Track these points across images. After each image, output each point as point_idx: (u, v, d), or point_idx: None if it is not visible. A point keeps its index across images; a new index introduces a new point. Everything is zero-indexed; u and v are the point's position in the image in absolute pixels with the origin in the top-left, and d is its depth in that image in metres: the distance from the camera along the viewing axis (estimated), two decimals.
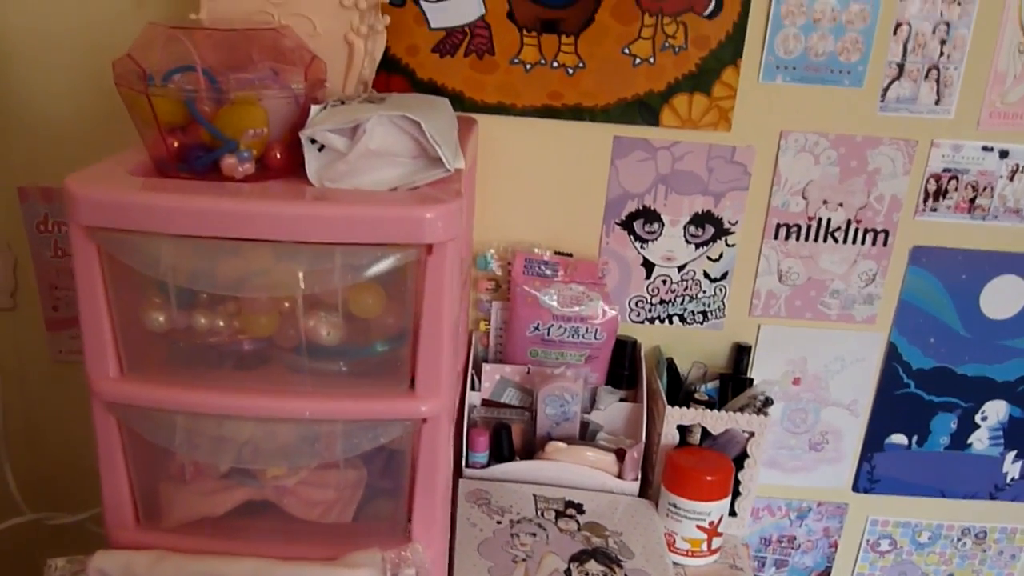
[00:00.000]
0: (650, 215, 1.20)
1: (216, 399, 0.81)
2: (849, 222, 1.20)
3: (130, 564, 0.81)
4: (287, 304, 0.82)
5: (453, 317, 0.80)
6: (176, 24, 0.82)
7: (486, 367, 1.20)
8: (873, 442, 1.32)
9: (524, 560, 1.02)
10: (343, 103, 0.83)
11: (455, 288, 0.79)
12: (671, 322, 1.26)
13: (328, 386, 0.82)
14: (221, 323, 0.81)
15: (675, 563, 1.12)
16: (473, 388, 1.21)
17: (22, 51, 1.13)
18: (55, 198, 1.20)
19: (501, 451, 1.18)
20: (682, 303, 1.25)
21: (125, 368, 0.82)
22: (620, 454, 1.18)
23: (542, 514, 1.11)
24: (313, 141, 0.81)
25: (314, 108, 0.82)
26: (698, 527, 1.11)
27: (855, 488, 1.36)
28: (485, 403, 1.22)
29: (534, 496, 1.14)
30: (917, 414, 1.31)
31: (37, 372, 1.30)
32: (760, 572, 1.42)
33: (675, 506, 1.12)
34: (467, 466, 1.17)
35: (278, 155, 0.84)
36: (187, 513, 0.87)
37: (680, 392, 1.23)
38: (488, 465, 1.17)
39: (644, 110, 1.15)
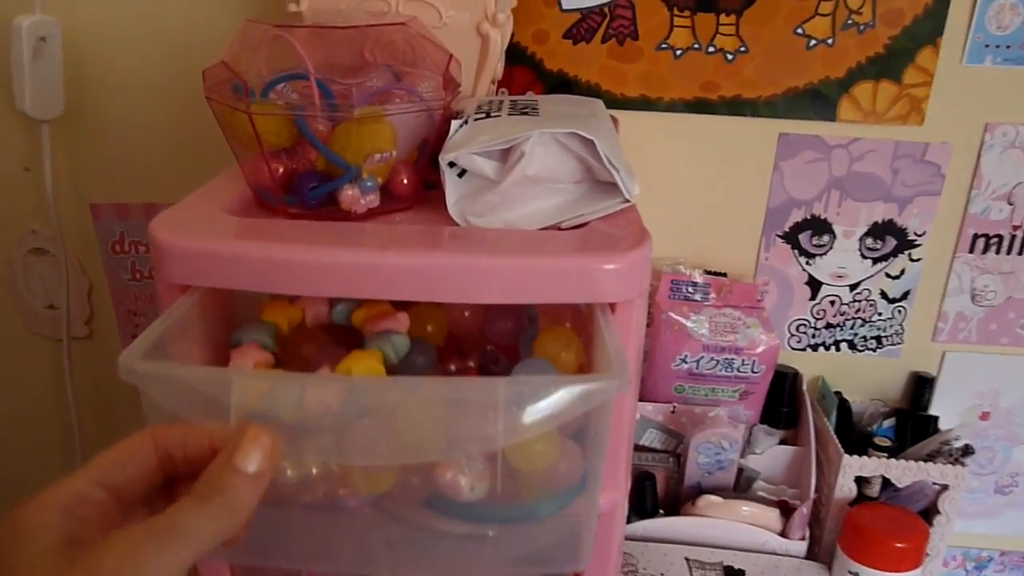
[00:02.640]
0: (819, 225, 1.01)
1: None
2: None
3: None
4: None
5: (635, 389, 0.63)
6: (280, 22, 0.66)
7: None
8: None
9: None
10: (488, 115, 0.66)
11: (639, 349, 0.62)
12: (837, 349, 1.07)
13: (464, 558, 0.61)
14: (314, 471, 0.58)
15: None
16: None
17: (94, 53, 0.98)
18: (131, 215, 1.05)
19: (644, 504, 1.01)
20: (852, 327, 1.06)
21: None
22: (782, 507, 1.00)
23: None
24: (451, 164, 0.64)
25: (454, 123, 0.65)
26: None
27: None
28: None
29: (687, 561, 0.97)
30: None
31: (117, 407, 1.17)
32: None
33: (857, 575, 0.94)
34: None
35: (404, 180, 0.68)
36: None
37: (853, 434, 1.04)
38: (629, 521, 1.01)
39: (818, 102, 0.95)
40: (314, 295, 0.58)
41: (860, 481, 1.00)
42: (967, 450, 0.98)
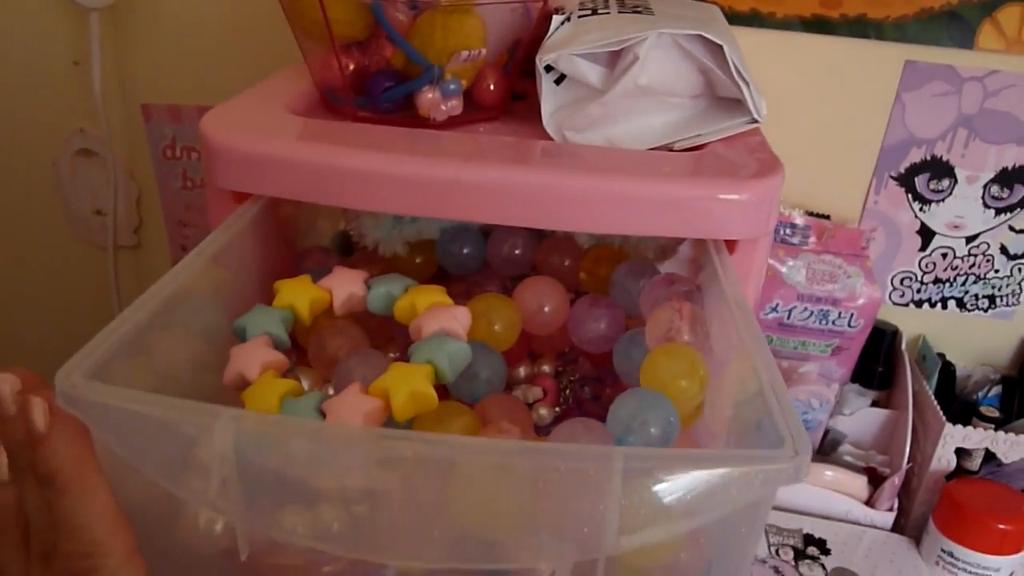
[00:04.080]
0: (940, 168, 0.90)
1: None
2: None
3: None
4: None
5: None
6: None
7: None
8: None
9: None
10: (594, 12, 0.57)
11: (757, 297, 0.54)
12: (944, 306, 0.97)
13: None
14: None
15: None
16: None
17: None
18: (184, 119, 0.98)
19: None
20: (964, 284, 0.95)
21: None
22: (870, 475, 0.92)
23: (777, 552, 0.86)
24: (548, 69, 0.55)
25: (555, 20, 0.56)
26: None
27: None
28: None
29: (765, 526, 0.90)
30: None
31: None
32: None
33: (951, 555, 0.85)
34: None
35: (491, 86, 0.59)
36: None
37: (954, 401, 0.95)
38: None
39: (955, 25, 0.83)
40: (383, 210, 0.50)
41: (960, 453, 0.91)
42: None
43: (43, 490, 0.35)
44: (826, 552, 0.87)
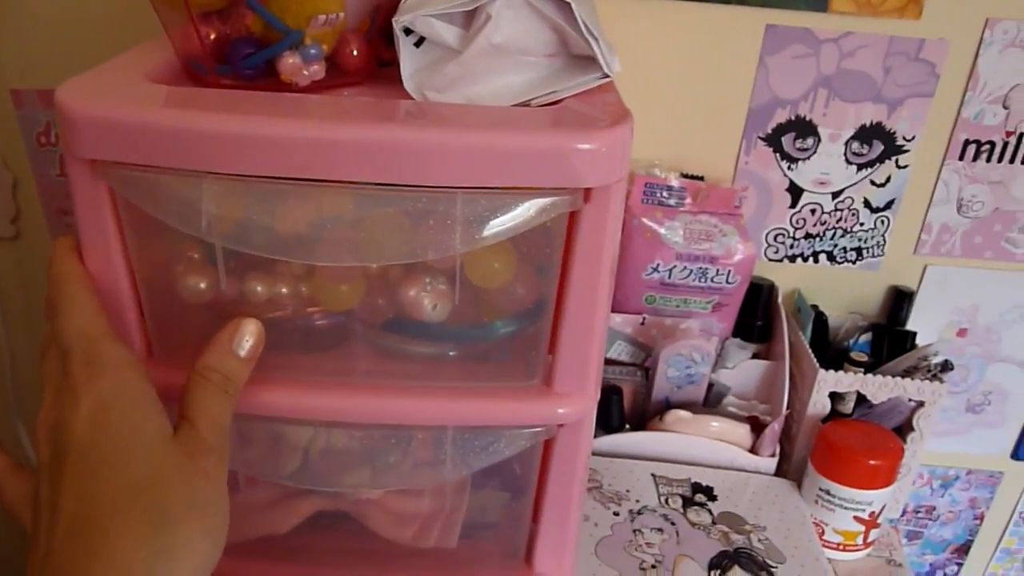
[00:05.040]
0: (804, 128, 0.95)
1: (277, 395, 0.59)
2: None
3: None
4: (375, 267, 0.59)
5: (610, 285, 0.57)
6: None
7: None
8: None
9: (654, 567, 0.82)
10: None
11: (616, 243, 0.56)
12: (816, 260, 1.02)
13: (429, 378, 0.60)
14: (284, 290, 0.59)
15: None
16: None
17: None
18: None
19: (610, 419, 0.97)
20: (832, 238, 1.01)
21: (155, 351, 0.60)
22: (752, 423, 0.97)
23: (666, 501, 0.90)
24: (408, 32, 0.56)
25: None
26: (856, 518, 0.91)
27: (1015, 456, 1.14)
28: None
29: (654, 477, 0.93)
30: None
31: None
32: None
33: (828, 493, 0.91)
34: None
35: (354, 51, 0.60)
36: (242, 531, 0.67)
37: (828, 349, 1.00)
38: (595, 435, 0.96)
39: None
40: (246, 173, 0.50)
41: (834, 397, 0.96)
42: (946, 366, 0.94)
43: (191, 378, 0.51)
44: (713, 499, 0.92)
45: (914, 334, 1.01)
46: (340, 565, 0.67)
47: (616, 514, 0.88)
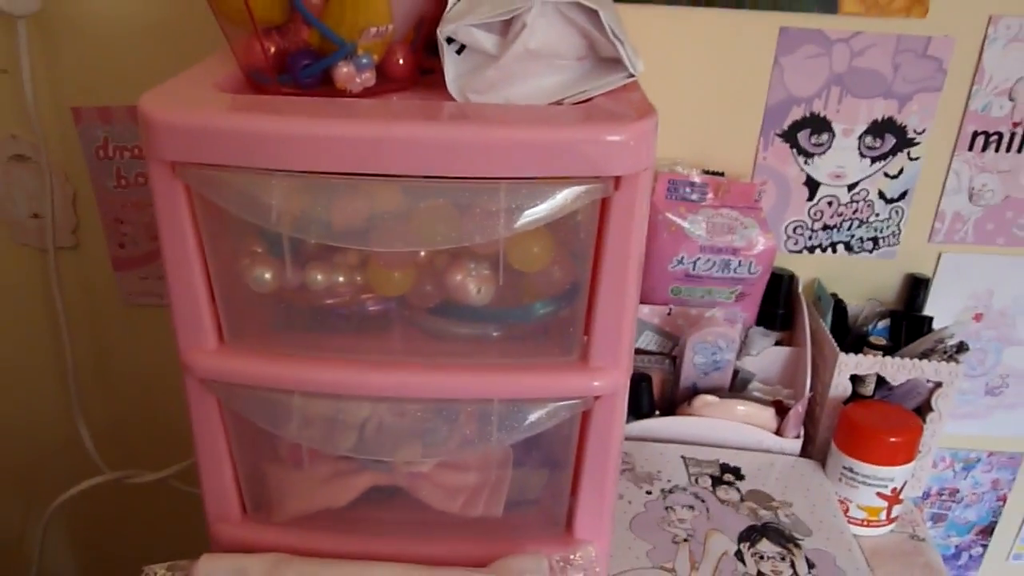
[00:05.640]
0: (819, 124, 1.00)
1: (336, 373, 0.65)
2: None
3: (244, 570, 0.66)
4: (424, 254, 0.64)
5: (640, 268, 0.62)
6: None
7: None
8: None
9: (686, 540, 0.86)
10: None
11: (644, 229, 0.61)
12: (834, 251, 1.07)
13: (475, 356, 0.66)
14: (341, 279, 0.64)
15: None
16: None
17: None
18: (115, 119, 1.02)
19: (640, 405, 1.02)
20: (849, 228, 1.05)
21: (226, 338, 0.65)
22: (777, 407, 1.01)
23: (696, 481, 0.95)
24: (451, 41, 0.62)
25: None
26: (879, 494, 0.95)
27: None
28: None
29: (683, 459, 0.98)
30: None
31: (107, 318, 1.15)
32: None
33: (851, 470, 0.95)
34: None
35: (400, 60, 0.66)
36: (303, 504, 0.73)
37: (848, 334, 1.04)
38: (626, 421, 1.01)
39: None
40: (309, 170, 0.56)
41: (855, 380, 1.01)
42: (961, 347, 0.98)
43: None
44: (741, 478, 0.96)
45: (931, 319, 1.05)
46: (394, 535, 0.73)
47: (649, 493, 0.93)
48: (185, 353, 0.65)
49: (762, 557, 0.85)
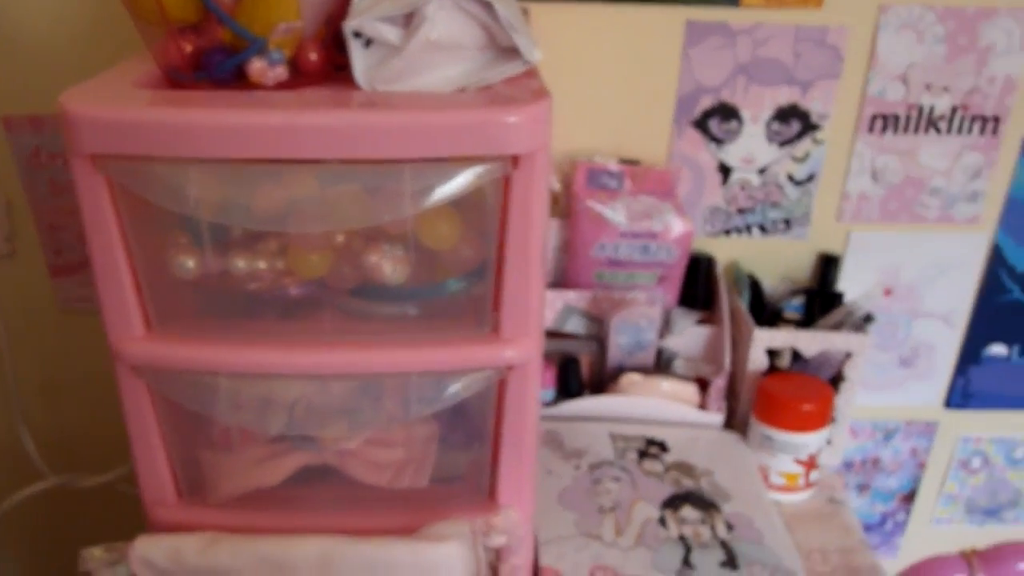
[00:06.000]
0: (727, 112, 1.05)
1: (262, 355, 0.68)
2: (955, 109, 1.05)
3: (179, 550, 0.69)
4: (341, 238, 0.68)
5: (543, 242, 0.66)
6: None
7: (547, 294, 1.07)
8: (970, 354, 1.20)
9: (612, 509, 0.91)
10: None
11: (545, 206, 0.65)
12: (749, 233, 1.12)
13: (392, 333, 0.69)
14: (263, 265, 0.68)
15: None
16: None
17: None
18: (46, 127, 1.04)
19: (569, 386, 1.06)
20: (762, 211, 1.11)
21: (153, 324, 0.68)
22: (700, 383, 1.06)
23: (623, 455, 0.99)
24: (357, 35, 0.66)
25: None
26: (796, 460, 1.00)
27: (947, 404, 1.24)
28: (548, 334, 1.09)
29: (611, 435, 1.02)
30: (1021, 322, 1.18)
31: (46, 324, 1.16)
32: None
33: (770, 438, 1.00)
34: None
35: (313, 56, 0.69)
36: (236, 485, 0.76)
37: (764, 312, 1.10)
38: (555, 402, 1.05)
39: None
40: (225, 157, 0.60)
41: (771, 355, 1.06)
42: (868, 318, 1.04)
43: None
44: (666, 451, 1.01)
45: (841, 295, 1.11)
46: (327, 511, 0.76)
47: (577, 467, 0.97)
48: (114, 341, 0.67)
49: (684, 521, 0.90)
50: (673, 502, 0.92)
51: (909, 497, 1.32)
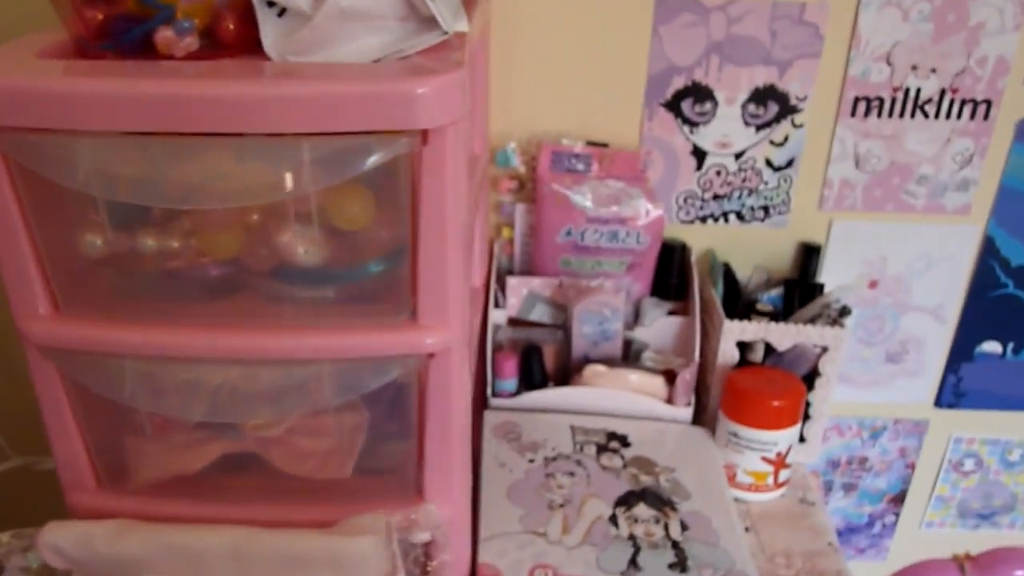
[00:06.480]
0: (701, 92, 1.00)
1: (175, 338, 0.65)
2: (943, 92, 0.99)
3: (88, 537, 0.67)
4: (256, 217, 0.65)
5: (461, 224, 0.63)
6: None
7: (511, 280, 1.03)
8: (961, 351, 1.15)
9: (562, 505, 0.87)
10: None
11: (461, 186, 0.62)
12: (726, 220, 1.07)
13: (311, 318, 0.66)
14: (175, 244, 0.65)
15: (736, 498, 0.97)
16: (497, 305, 1.05)
17: None
18: None
19: (532, 377, 1.02)
20: (740, 197, 1.06)
21: (61, 305, 0.66)
22: (669, 376, 1.02)
23: (581, 449, 0.95)
24: (271, 4, 0.63)
25: None
26: (763, 458, 0.95)
27: (938, 403, 1.19)
28: (512, 322, 1.06)
29: (571, 428, 0.99)
30: (1015, 318, 1.12)
31: None
32: (826, 497, 1.27)
33: (736, 435, 0.96)
34: (493, 395, 1.02)
35: (230, 26, 0.66)
36: (156, 471, 0.73)
37: (739, 302, 1.05)
38: (517, 393, 1.02)
39: None
40: (117, 130, 0.57)
41: (744, 347, 1.01)
42: (844, 311, 0.99)
43: None
44: (627, 445, 0.97)
45: (822, 286, 1.06)
46: (250, 501, 0.73)
47: (531, 461, 0.93)
48: (19, 320, 0.65)
49: (636, 520, 0.86)
50: (627, 500, 0.89)
51: (898, 499, 1.26)
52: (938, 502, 1.26)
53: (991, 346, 1.14)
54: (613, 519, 0.86)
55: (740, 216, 1.07)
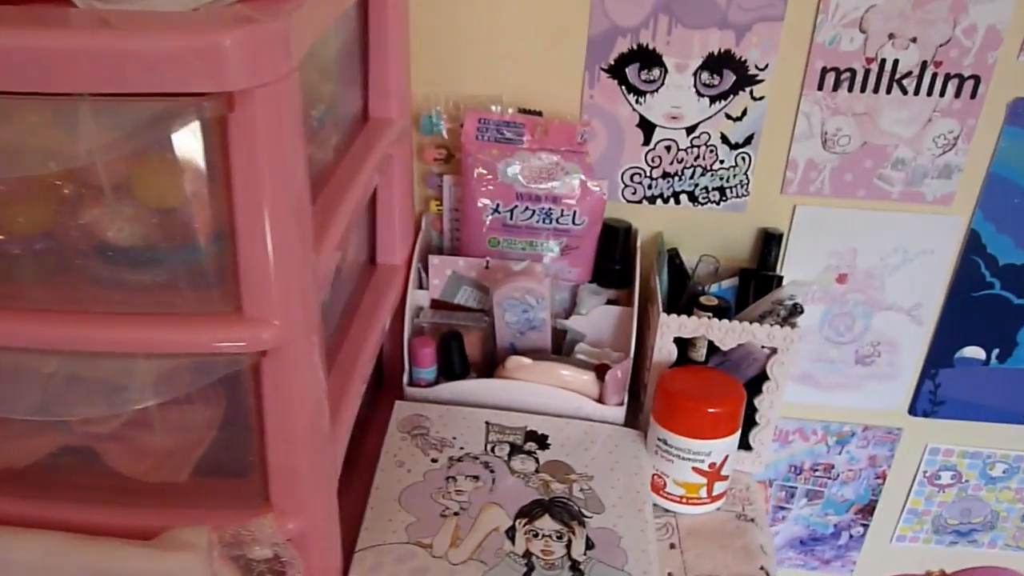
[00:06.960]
0: (648, 57, 0.89)
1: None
2: (924, 65, 0.87)
3: None
4: (67, 191, 0.56)
5: (292, 203, 0.54)
6: None
7: (433, 260, 0.94)
8: (940, 356, 1.03)
9: (456, 514, 0.79)
10: None
11: (288, 159, 0.53)
12: (677, 201, 0.97)
13: (129, 304, 0.58)
14: None
15: (666, 510, 0.88)
16: (420, 286, 0.96)
17: None
18: None
19: (451, 366, 0.94)
20: (692, 176, 0.95)
21: None
22: (602, 371, 0.92)
23: (492, 449, 0.87)
24: None
25: None
26: (695, 469, 0.86)
27: (912, 411, 1.08)
28: (435, 305, 0.97)
29: (487, 425, 0.90)
30: (1001, 321, 1.00)
31: None
32: (788, 504, 1.17)
33: (666, 443, 0.86)
34: (410, 384, 0.94)
35: None
36: None
37: (684, 294, 0.95)
38: (435, 383, 0.93)
39: None
40: None
41: (686, 344, 0.92)
42: (795, 309, 0.89)
43: None
44: (545, 447, 0.88)
45: (780, 278, 0.95)
46: (85, 501, 0.66)
47: (434, 461, 0.85)
48: None
49: (536, 535, 0.77)
50: (531, 510, 0.80)
51: (868, 510, 1.16)
52: (911, 515, 1.16)
53: (973, 351, 1.03)
54: (511, 532, 0.77)
55: (693, 197, 0.96)
